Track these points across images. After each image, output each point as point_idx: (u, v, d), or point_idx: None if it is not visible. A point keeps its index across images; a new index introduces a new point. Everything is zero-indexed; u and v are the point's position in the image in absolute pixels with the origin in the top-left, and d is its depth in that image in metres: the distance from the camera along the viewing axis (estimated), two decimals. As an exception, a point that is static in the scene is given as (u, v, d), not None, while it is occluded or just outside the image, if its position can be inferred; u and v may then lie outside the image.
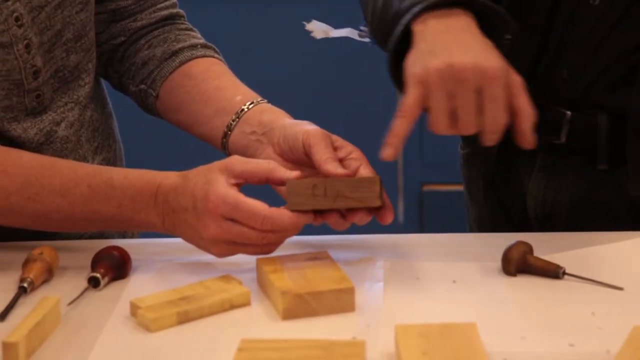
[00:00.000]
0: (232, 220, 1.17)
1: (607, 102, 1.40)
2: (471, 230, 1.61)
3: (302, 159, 1.25)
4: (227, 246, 1.19)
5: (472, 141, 1.55)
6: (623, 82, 1.39)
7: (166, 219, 1.22)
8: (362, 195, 1.19)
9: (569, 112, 1.41)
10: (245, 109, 1.32)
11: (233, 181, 1.19)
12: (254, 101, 1.33)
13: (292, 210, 1.18)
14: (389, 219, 1.20)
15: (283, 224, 1.17)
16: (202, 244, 1.21)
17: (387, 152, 1.19)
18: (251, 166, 1.20)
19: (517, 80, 1.22)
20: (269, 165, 1.20)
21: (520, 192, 1.49)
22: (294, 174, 1.20)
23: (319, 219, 1.20)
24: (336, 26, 1.63)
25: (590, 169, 1.43)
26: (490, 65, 1.18)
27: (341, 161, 1.23)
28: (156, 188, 1.22)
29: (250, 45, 3.01)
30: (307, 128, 1.25)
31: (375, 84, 3.04)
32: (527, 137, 1.22)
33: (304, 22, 1.63)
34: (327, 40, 3.05)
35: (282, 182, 1.20)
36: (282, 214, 1.17)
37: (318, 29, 1.60)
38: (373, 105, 3.03)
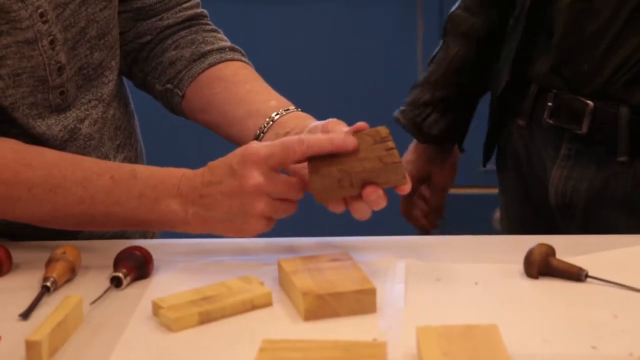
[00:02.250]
0: (273, 171, 1.18)
1: (627, 96, 1.42)
2: (501, 219, 1.65)
3: None
4: (268, 202, 1.19)
5: (506, 133, 1.59)
6: None
7: (189, 208, 1.22)
8: (388, 179, 1.19)
9: (591, 103, 1.44)
10: (279, 115, 1.33)
11: None
12: (290, 108, 1.34)
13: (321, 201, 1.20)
14: (408, 188, 1.21)
15: (318, 143, 1.18)
16: (241, 212, 1.20)
17: None
18: (272, 147, 1.20)
19: None
20: (282, 149, 1.19)
21: (544, 181, 1.52)
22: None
23: (353, 139, 1.20)
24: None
25: (610, 160, 1.45)
26: None
27: None
28: (179, 177, 1.23)
29: (266, 44, 3.02)
30: (325, 120, 1.27)
31: (388, 83, 3.05)
32: None
33: None
34: (339, 41, 3.04)
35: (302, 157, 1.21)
36: (316, 136, 1.19)
37: None
38: (389, 104, 3.03)
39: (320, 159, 1.20)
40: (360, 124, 1.21)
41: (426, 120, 1.69)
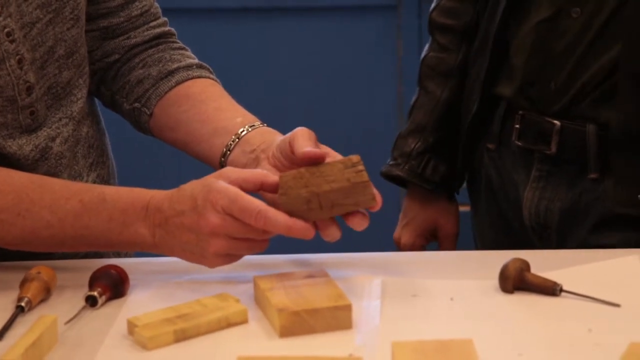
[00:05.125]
0: (231, 215, 1.17)
1: (594, 114, 1.43)
2: (475, 241, 1.64)
3: (293, 162, 1.25)
4: (226, 242, 1.18)
5: (477, 157, 1.59)
6: (607, 96, 1.42)
7: (157, 231, 1.22)
8: (357, 200, 1.19)
9: (558, 123, 1.44)
10: (245, 132, 1.33)
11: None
12: (255, 124, 1.34)
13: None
14: (378, 207, 1.20)
15: (276, 225, 1.17)
16: (199, 247, 1.19)
17: None
18: (245, 173, 1.21)
19: None
20: (262, 172, 1.22)
21: (517, 203, 1.52)
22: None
23: (313, 230, 1.19)
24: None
25: (581, 178, 1.45)
26: None
27: None
28: (148, 200, 1.23)
29: (241, 61, 3.02)
30: (292, 131, 1.26)
31: (367, 101, 3.06)
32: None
33: None
34: (320, 56, 3.04)
35: (276, 188, 1.21)
36: (276, 215, 1.17)
37: None
38: (371, 119, 3.04)
39: (291, 182, 1.20)
40: (324, 153, 1.21)
41: (427, 169, 1.63)
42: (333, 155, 1.25)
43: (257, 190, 1.21)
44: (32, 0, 1.30)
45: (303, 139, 1.23)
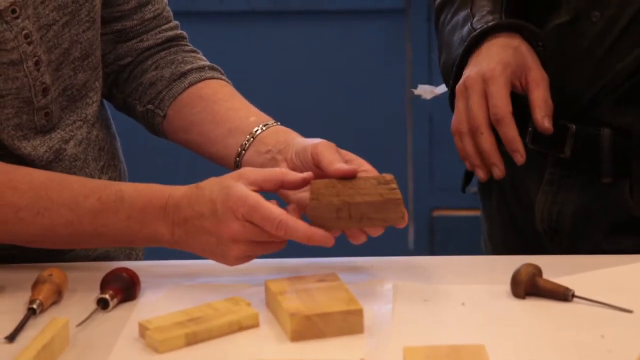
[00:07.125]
0: (251, 222, 1.18)
1: (610, 118, 1.42)
2: (484, 246, 1.63)
3: (313, 172, 1.26)
4: (246, 246, 1.20)
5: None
6: (625, 100, 1.41)
7: (176, 230, 1.22)
8: (387, 216, 1.20)
9: (573, 126, 1.44)
10: (259, 130, 1.33)
11: (250, 188, 1.20)
12: (269, 123, 1.34)
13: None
14: (404, 225, 1.22)
15: (297, 234, 1.18)
16: (219, 249, 1.21)
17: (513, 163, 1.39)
18: (265, 173, 1.22)
19: (533, 75, 1.39)
20: (281, 170, 1.22)
21: (530, 207, 1.51)
22: (306, 174, 1.22)
23: (333, 238, 1.20)
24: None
25: (594, 182, 1.45)
26: (488, 69, 1.37)
27: None
28: (166, 199, 1.23)
29: (250, 65, 3.03)
30: (315, 141, 1.27)
31: (376, 105, 3.06)
32: (539, 124, 1.39)
33: (412, 90, 1.70)
34: (322, 60, 3.04)
35: (296, 185, 1.21)
36: (296, 224, 1.18)
37: (426, 90, 1.69)
38: (380, 123, 3.04)
39: (323, 189, 1.20)
40: (356, 168, 1.22)
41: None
42: (358, 163, 1.25)
43: (278, 189, 1.22)
44: (48, 2, 1.30)
45: (329, 154, 1.24)
